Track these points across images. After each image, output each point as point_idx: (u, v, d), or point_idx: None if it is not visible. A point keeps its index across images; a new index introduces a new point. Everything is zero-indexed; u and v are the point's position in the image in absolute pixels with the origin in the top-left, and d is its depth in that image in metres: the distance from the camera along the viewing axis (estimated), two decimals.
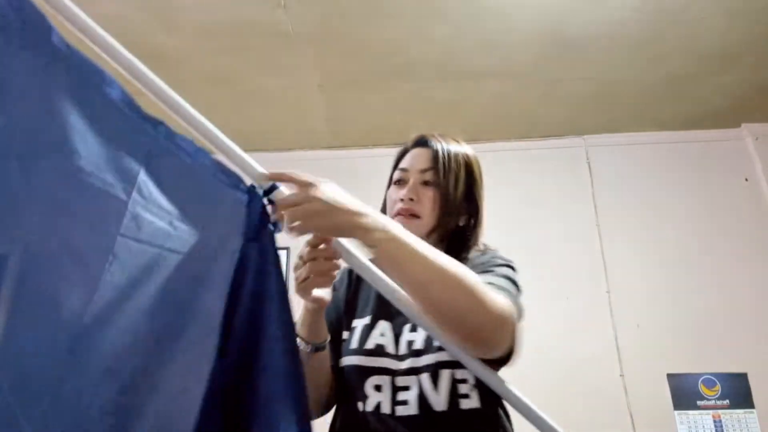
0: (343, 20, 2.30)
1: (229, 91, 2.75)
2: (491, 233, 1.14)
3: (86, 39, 0.69)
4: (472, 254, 1.07)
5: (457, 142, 1.15)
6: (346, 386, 1.01)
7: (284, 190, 0.79)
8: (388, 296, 0.84)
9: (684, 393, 2.61)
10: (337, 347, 1.06)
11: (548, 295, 2.80)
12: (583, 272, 2.88)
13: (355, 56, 2.51)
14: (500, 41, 2.43)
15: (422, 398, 0.93)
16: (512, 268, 1.01)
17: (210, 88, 2.72)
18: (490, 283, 0.85)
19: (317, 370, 0.98)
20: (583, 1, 2.22)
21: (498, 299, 0.81)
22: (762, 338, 2.69)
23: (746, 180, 3.01)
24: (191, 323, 0.70)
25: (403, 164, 1.14)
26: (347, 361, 1.01)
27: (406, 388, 0.95)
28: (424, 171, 1.09)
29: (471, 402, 0.94)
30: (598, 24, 2.33)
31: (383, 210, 1.17)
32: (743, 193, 2.98)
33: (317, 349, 0.96)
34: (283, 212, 0.77)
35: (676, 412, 2.59)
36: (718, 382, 2.62)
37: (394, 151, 1.19)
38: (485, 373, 0.86)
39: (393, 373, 0.97)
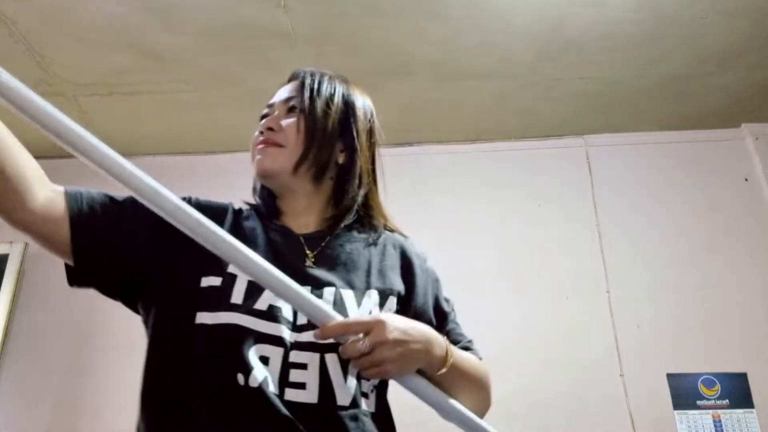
0: (343, 20, 2.30)
1: (229, 91, 2.75)
2: (492, 234, 1.13)
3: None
4: (395, 236, 1.04)
5: (347, 82, 1.01)
6: (217, 349, 0.76)
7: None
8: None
9: (684, 393, 2.61)
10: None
11: (548, 295, 2.80)
12: (583, 272, 2.88)
13: (355, 56, 2.51)
14: (500, 41, 2.43)
15: (325, 385, 0.77)
16: None
17: (210, 88, 2.72)
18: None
19: None
20: (583, 2, 2.22)
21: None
22: (762, 338, 2.68)
23: (746, 180, 3.01)
24: None
25: (270, 101, 1.02)
26: (224, 318, 0.77)
27: (302, 366, 0.77)
28: (288, 100, 0.98)
29: (369, 404, 0.83)
30: (598, 24, 2.33)
31: None
32: (743, 193, 2.98)
33: None
34: (352, 361, 0.76)
35: (675, 412, 2.59)
36: (717, 382, 2.62)
37: (394, 151, 1.17)
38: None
39: (287, 345, 0.77)
